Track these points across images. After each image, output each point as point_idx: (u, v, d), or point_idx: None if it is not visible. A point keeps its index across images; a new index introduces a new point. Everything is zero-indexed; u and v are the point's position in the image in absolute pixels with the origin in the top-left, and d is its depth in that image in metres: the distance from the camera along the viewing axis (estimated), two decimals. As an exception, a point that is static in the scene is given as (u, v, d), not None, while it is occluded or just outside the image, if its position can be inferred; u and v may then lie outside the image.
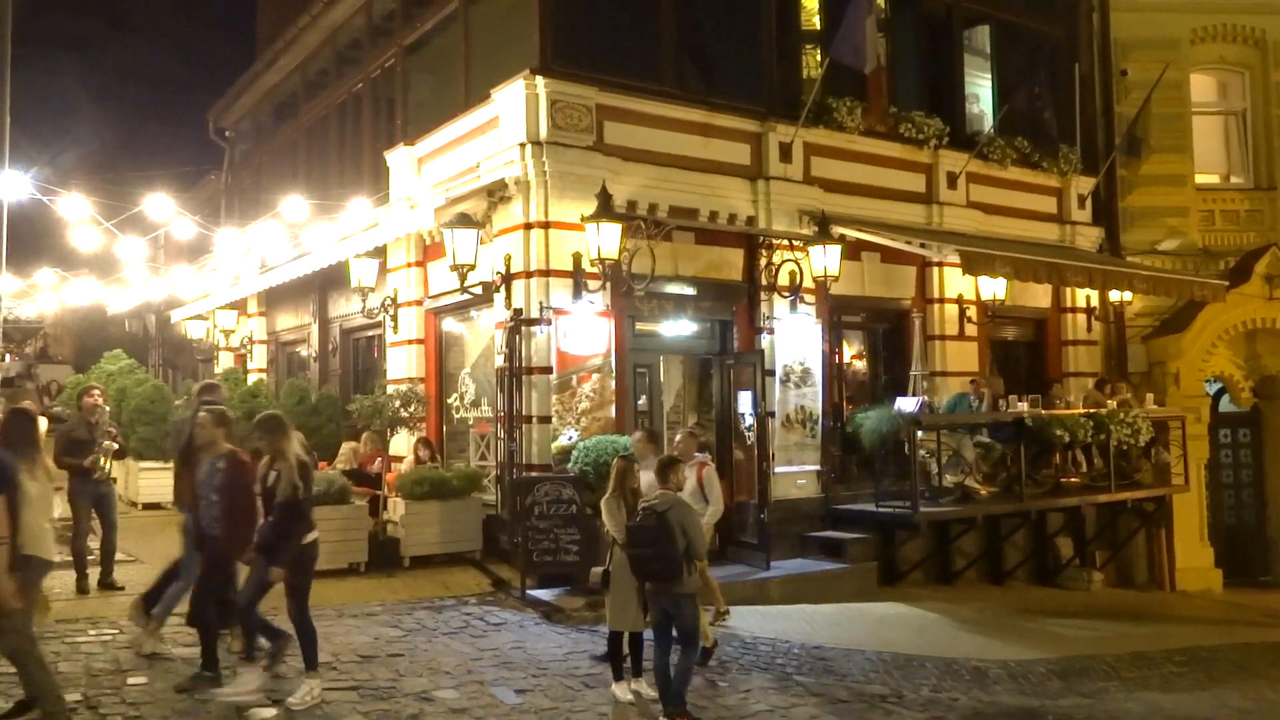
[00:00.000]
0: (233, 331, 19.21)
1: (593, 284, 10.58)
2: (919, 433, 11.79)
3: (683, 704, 6.57)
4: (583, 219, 10.37)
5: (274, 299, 18.17)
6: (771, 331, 12.00)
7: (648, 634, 7.05)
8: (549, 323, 10.47)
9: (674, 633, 6.71)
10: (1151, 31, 15.87)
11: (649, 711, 6.84)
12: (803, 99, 12.28)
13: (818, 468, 12.27)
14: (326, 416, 13.67)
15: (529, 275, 10.64)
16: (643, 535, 6.58)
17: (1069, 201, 15.48)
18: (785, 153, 12.23)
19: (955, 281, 13.54)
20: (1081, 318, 15.40)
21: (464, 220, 10.73)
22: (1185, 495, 14.49)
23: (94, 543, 9.70)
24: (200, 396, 8.66)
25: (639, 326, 11.60)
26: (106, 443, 9.34)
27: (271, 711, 6.44)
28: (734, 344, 12.07)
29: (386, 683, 7.12)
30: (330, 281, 15.24)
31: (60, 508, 9.93)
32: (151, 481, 15.66)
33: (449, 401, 12.78)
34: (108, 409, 9.92)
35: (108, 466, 9.39)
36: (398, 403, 12.15)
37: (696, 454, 8.91)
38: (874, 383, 13.66)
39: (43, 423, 15.27)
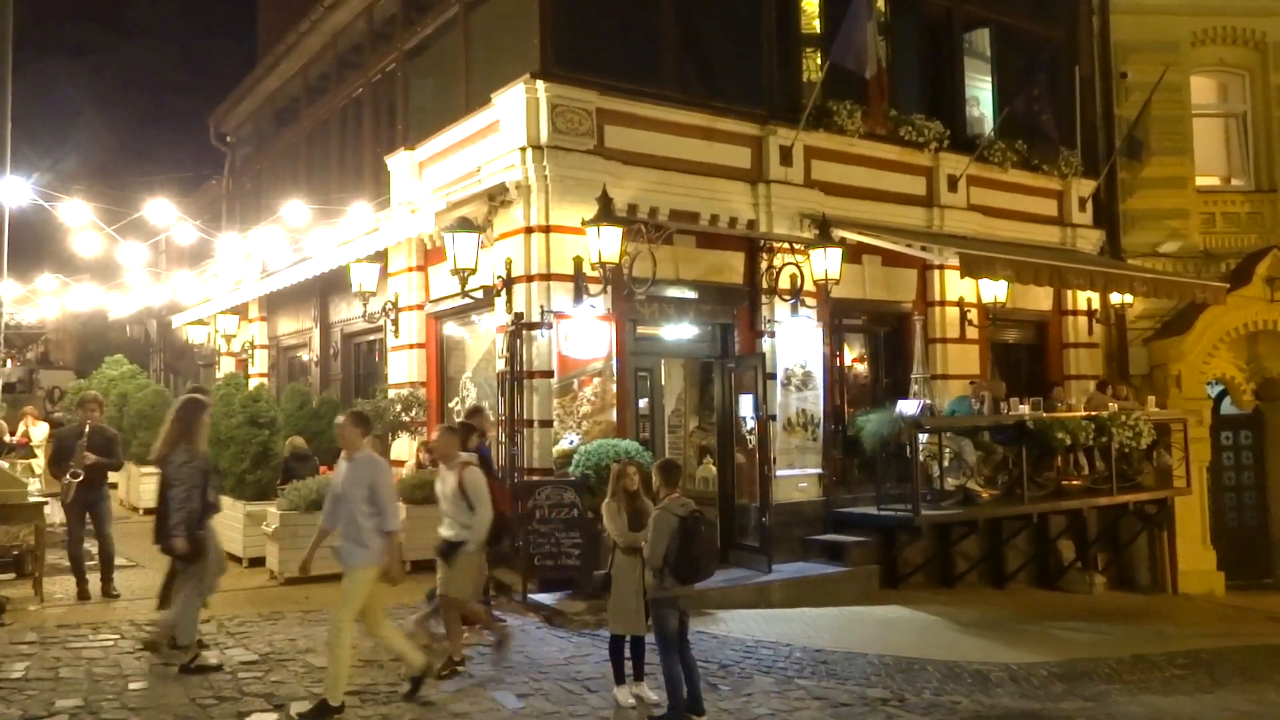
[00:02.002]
0: (234, 336, 19.23)
1: (593, 288, 10.58)
2: (920, 435, 11.78)
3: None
4: (583, 223, 10.38)
5: (275, 304, 18.19)
6: (772, 335, 12.00)
7: (649, 639, 7.06)
8: (550, 327, 10.47)
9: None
10: (1151, 34, 15.88)
11: (651, 715, 6.84)
12: (803, 102, 12.29)
13: (819, 471, 12.26)
14: (328, 421, 13.65)
15: (530, 279, 10.64)
16: (703, 534, 6.67)
17: (1070, 204, 15.49)
18: (786, 156, 12.24)
19: (956, 284, 13.53)
20: (1082, 320, 15.39)
21: (465, 224, 10.74)
22: (1187, 498, 14.47)
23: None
24: (468, 418, 9.07)
25: (640, 330, 11.61)
26: (69, 476, 9.29)
27: (273, 716, 6.43)
28: (735, 347, 12.06)
29: (388, 687, 7.12)
30: (331, 286, 15.27)
31: (58, 514, 9.97)
32: (153, 486, 15.62)
33: (450, 405, 12.78)
34: (85, 429, 9.54)
35: (69, 496, 9.35)
36: (399, 407, 12.17)
37: (460, 454, 7.82)
38: (875, 386, 13.65)
39: (44, 428, 15.36)
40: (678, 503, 6.72)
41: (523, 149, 10.59)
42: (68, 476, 9.30)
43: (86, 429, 9.47)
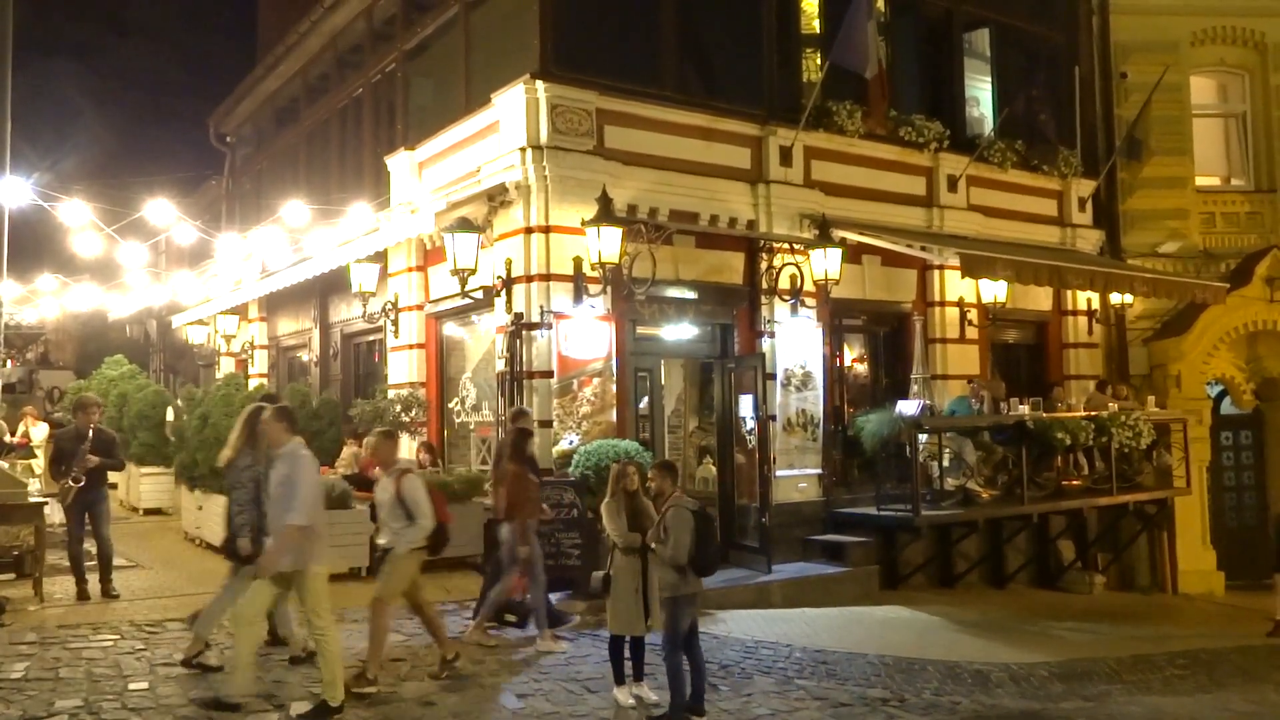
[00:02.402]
0: (234, 336, 19.22)
1: (593, 288, 10.58)
2: (920, 436, 11.79)
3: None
4: (583, 223, 10.38)
5: (275, 304, 18.18)
6: (772, 335, 12.00)
7: (649, 639, 7.07)
8: (550, 327, 10.47)
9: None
10: (1151, 34, 15.89)
11: (650, 715, 6.84)
12: (803, 102, 12.29)
13: (819, 471, 12.26)
14: (328, 421, 13.67)
15: (530, 279, 10.64)
16: (712, 527, 6.99)
17: (1069, 204, 15.49)
18: (785, 156, 12.24)
19: (956, 284, 13.54)
20: (1082, 320, 15.40)
21: (464, 225, 10.74)
22: (1187, 498, 14.48)
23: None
24: (514, 422, 9.21)
25: (640, 330, 11.61)
26: (70, 481, 9.29)
27: (274, 716, 6.43)
28: (735, 347, 12.06)
29: (388, 687, 7.11)
30: (331, 286, 15.26)
31: (58, 514, 9.98)
32: (152, 487, 15.66)
33: (450, 406, 12.78)
34: (90, 435, 9.50)
35: (69, 499, 9.38)
36: (399, 407, 12.16)
37: (399, 461, 7.58)
38: (875, 386, 13.65)
39: (44, 428, 15.35)
40: (685, 499, 6.81)
41: (522, 149, 10.59)
42: (69, 481, 9.29)
43: (90, 433, 9.48)
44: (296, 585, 6.52)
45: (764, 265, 12.02)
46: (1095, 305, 15.33)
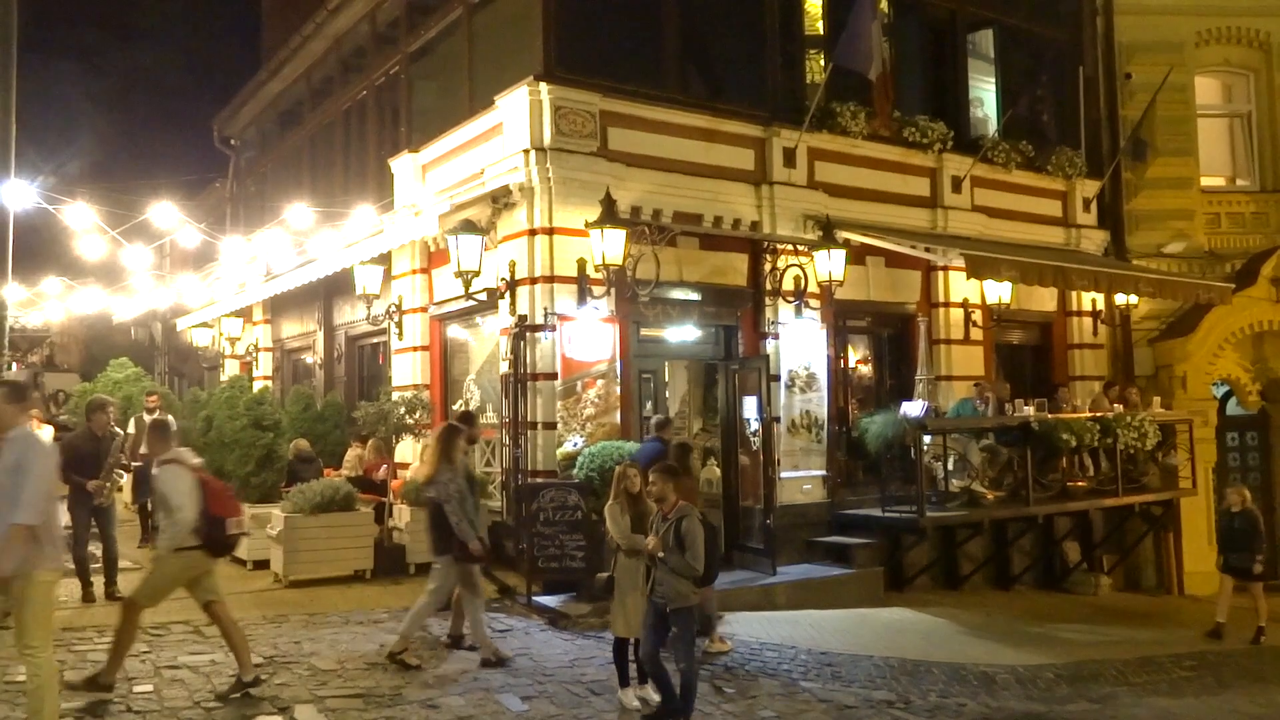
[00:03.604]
0: (238, 339, 19.24)
1: (597, 290, 10.58)
2: (925, 437, 11.76)
3: None
4: (587, 225, 10.37)
5: (279, 306, 18.22)
6: (776, 336, 11.99)
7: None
8: (554, 329, 10.47)
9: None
10: (1156, 34, 15.85)
11: (648, 714, 6.82)
12: (806, 104, 12.28)
13: (823, 473, 12.24)
14: (332, 423, 13.70)
15: (533, 281, 10.64)
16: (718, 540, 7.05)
17: (1074, 205, 15.46)
18: (789, 158, 12.22)
19: (960, 286, 13.51)
20: (1087, 321, 15.36)
21: (468, 227, 10.74)
22: (1193, 499, 14.44)
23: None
24: (660, 431, 9.64)
25: (644, 332, 11.60)
26: (115, 475, 9.46)
27: (278, 719, 6.43)
28: (739, 349, 12.05)
29: (391, 690, 7.11)
30: (335, 288, 15.29)
31: (63, 516, 9.98)
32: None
33: (454, 408, 12.76)
34: (119, 433, 9.85)
35: (109, 498, 9.49)
36: (403, 409, 12.14)
37: (171, 450, 6.87)
38: (879, 387, 13.63)
39: (48, 430, 15.38)
40: (693, 508, 6.77)
41: (526, 151, 10.59)
42: (115, 478, 9.51)
43: (126, 433, 9.67)
44: (15, 593, 5.44)
45: (768, 267, 12.01)
46: (1100, 306, 15.30)
